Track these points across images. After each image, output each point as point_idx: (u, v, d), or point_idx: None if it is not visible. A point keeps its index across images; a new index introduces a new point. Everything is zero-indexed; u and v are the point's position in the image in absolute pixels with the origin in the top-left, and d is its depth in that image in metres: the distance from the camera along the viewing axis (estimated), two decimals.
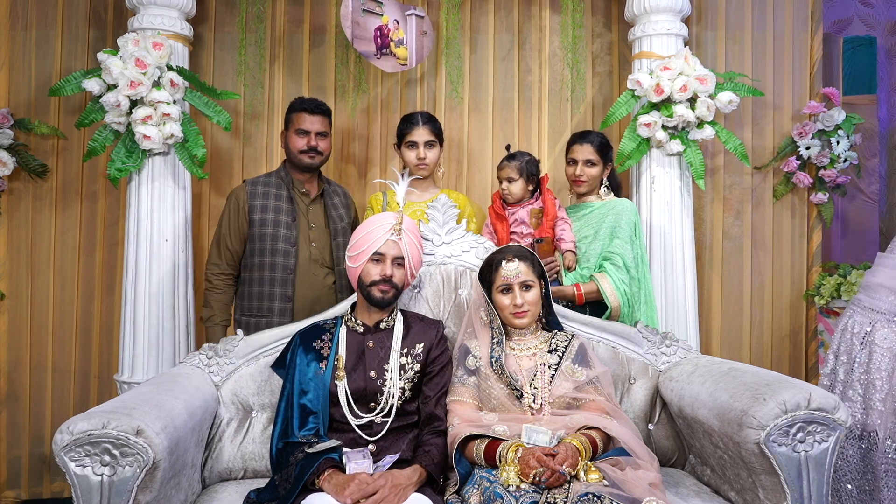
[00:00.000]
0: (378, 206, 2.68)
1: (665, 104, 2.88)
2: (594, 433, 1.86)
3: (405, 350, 2.07)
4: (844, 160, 3.31)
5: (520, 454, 1.74)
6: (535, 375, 2.00)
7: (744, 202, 3.39)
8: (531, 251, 2.14)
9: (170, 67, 2.74)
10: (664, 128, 2.90)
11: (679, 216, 2.96)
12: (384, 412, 2.00)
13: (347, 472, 1.82)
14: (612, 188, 2.74)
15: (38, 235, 3.18)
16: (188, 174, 2.88)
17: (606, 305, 2.50)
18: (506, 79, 3.37)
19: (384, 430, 1.99)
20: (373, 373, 2.03)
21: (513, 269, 2.03)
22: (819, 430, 1.76)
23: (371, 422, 2.00)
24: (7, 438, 3.15)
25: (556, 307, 2.26)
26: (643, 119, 2.88)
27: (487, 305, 2.10)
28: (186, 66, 2.89)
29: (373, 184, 3.27)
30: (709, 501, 1.95)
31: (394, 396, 2.01)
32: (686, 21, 3.10)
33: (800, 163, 3.32)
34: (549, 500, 1.63)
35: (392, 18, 3.07)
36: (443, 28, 3.26)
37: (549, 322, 2.16)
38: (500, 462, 1.77)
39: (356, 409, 2.00)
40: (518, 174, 2.56)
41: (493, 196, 2.67)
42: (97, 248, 3.20)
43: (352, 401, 2.00)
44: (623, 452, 1.84)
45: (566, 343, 2.08)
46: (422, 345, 2.08)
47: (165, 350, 2.79)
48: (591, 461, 1.77)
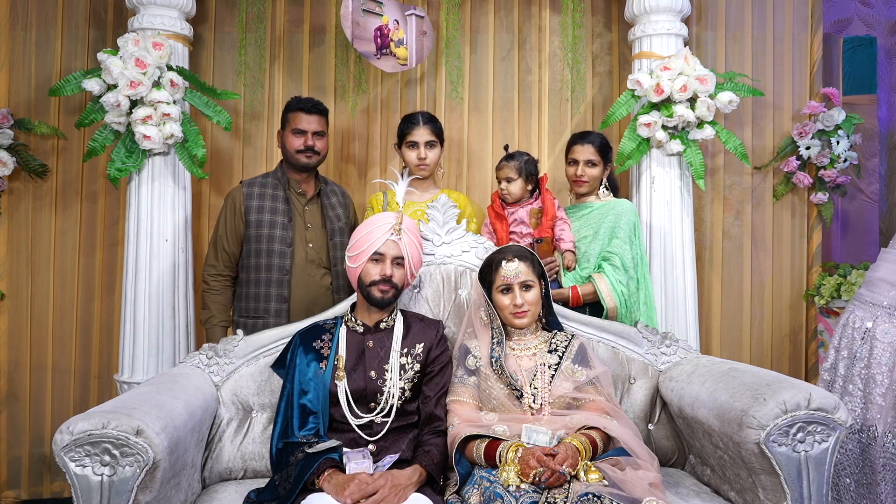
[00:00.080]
0: (378, 206, 2.67)
1: (665, 104, 2.88)
2: (594, 433, 1.86)
3: (405, 350, 2.07)
4: (844, 160, 3.31)
5: (520, 454, 1.74)
6: (535, 375, 2.00)
7: (744, 202, 3.39)
8: (531, 251, 2.14)
9: (170, 67, 2.74)
10: (664, 128, 2.90)
11: (679, 216, 2.96)
12: (384, 412, 2.00)
13: (347, 472, 1.82)
14: (611, 189, 2.75)
15: (38, 235, 3.18)
16: (188, 174, 2.88)
17: (604, 306, 2.50)
18: (506, 79, 3.37)
19: (384, 430, 1.99)
20: (373, 373, 2.03)
21: (513, 269, 2.03)
22: (819, 430, 1.76)
23: (371, 422, 2.00)
24: (7, 438, 3.15)
25: (557, 307, 2.26)
26: (643, 119, 2.88)
27: (487, 305, 2.10)
28: (186, 66, 2.89)
29: (373, 184, 3.27)
30: (709, 501, 1.95)
31: (394, 396, 2.01)
32: (686, 21, 3.10)
33: (800, 163, 3.32)
34: (549, 500, 1.63)
35: (392, 18, 3.07)
36: (443, 28, 3.26)
37: (549, 322, 2.16)
38: (500, 462, 1.77)
39: (356, 409, 2.00)
40: (517, 174, 2.57)
41: (493, 196, 2.67)
42: (97, 248, 3.20)
43: (352, 401, 2.00)
44: (623, 452, 1.84)
45: (566, 343, 2.08)
46: (422, 345, 2.08)
47: (165, 350, 2.79)
48: (591, 461, 1.77)
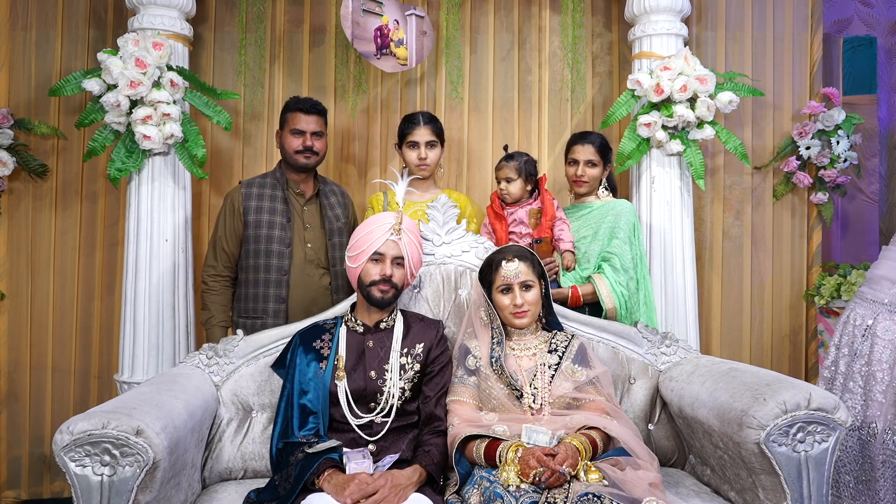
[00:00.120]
0: (379, 206, 2.67)
1: (665, 104, 2.88)
2: (594, 433, 1.86)
3: (405, 350, 2.07)
4: (844, 160, 3.31)
5: (520, 454, 1.74)
6: (535, 375, 2.00)
7: (744, 202, 3.38)
8: (531, 251, 2.13)
9: (170, 67, 2.74)
10: (664, 128, 2.90)
11: (679, 216, 2.96)
12: (384, 412, 2.00)
13: (347, 472, 1.82)
14: (610, 189, 2.75)
15: (38, 235, 3.17)
16: (188, 174, 2.88)
17: (603, 307, 2.50)
18: (506, 79, 3.37)
19: (384, 430, 1.99)
20: (373, 373, 2.03)
21: (513, 269, 2.03)
22: (819, 431, 1.76)
23: (371, 422, 2.00)
24: (7, 438, 3.15)
25: (557, 307, 2.26)
26: (643, 119, 2.87)
27: (487, 305, 2.10)
28: (186, 66, 2.89)
29: (373, 184, 3.27)
30: (709, 501, 1.95)
31: (394, 396, 2.01)
32: (686, 21, 3.10)
33: (800, 163, 3.32)
34: (549, 500, 1.63)
35: (392, 18, 3.07)
36: (443, 28, 3.26)
37: (549, 322, 2.16)
38: (500, 462, 1.77)
39: (356, 409, 2.00)
40: (516, 174, 2.56)
41: (492, 196, 2.67)
42: (97, 248, 3.20)
43: (352, 401, 2.00)
44: (623, 452, 1.84)
45: (566, 343, 2.08)
46: (422, 345, 2.08)
47: (165, 350, 2.79)
48: (591, 461, 1.77)
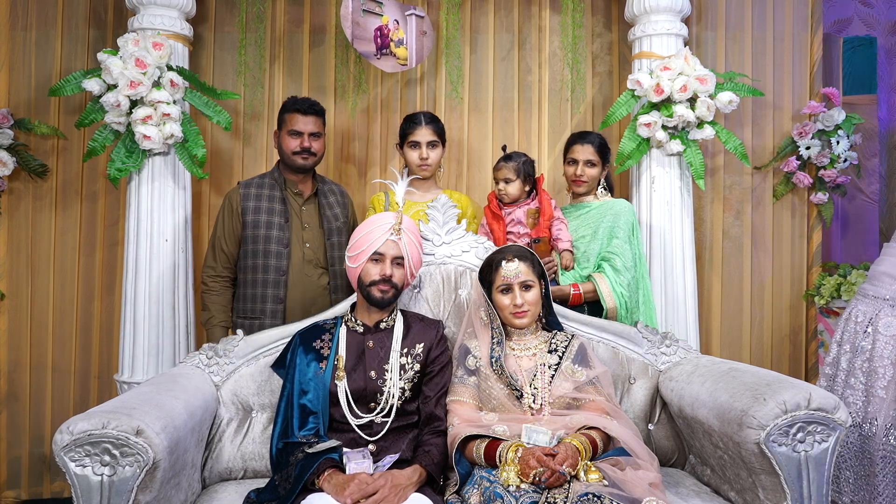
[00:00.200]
0: (380, 206, 2.67)
1: (665, 104, 2.88)
2: (594, 433, 1.86)
3: (405, 350, 2.07)
4: (844, 160, 3.31)
5: (520, 454, 1.74)
6: (535, 375, 2.00)
7: (744, 202, 3.38)
8: (531, 251, 2.13)
9: (170, 67, 2.74)
10: (664, 128, 2.90)
11: (679, 216, 2.96)
12: (384, 412, 2.00)
13: (347, 472, 1.82)
14: (608, 188, 2.75)
15: (38, 235, 3.17)
16: (188, 174, 2.88)
17: (603, 306, 2.50)
18: (506, 79, 3.37)
19: (384, 430, 1.99)
20: (373, 373, 2.03)
21: (513, 269, 2.03)
22: (819, 430, 1.76)
23: (371, 422, 2.00)
24: (7, 438, 3.15)
25: (557, 307, 2.26)
26: (643, 119, 2.87)
27: (487, 305, 2.10)
28: (186, 66, 2.89)
29: (373, 184, 3.27)
30: (709, 501, 1.95)
31: (394, 396, 2.01)
32: (686, 21, 3.10)
33: (800, 163, 3.32)
34: (549, 500, 1.63)
35: (392, 18, 3.07)
36: (443, 28, 3.26)
37: (549, 322, 2.16)
38: (500, 462, 1.77)
39: (356, 409, 2.00)
40: (515, 175, 2.56)
41: (490, 196, 2.67)
42: (97, 248, 3.20)
43: (352, 401, 2.00)
44: (623, 452, 1.84)
45: (566, 343, 2.08)
46: (422, 345, 2.08)
47: (165, 350, 2.79)
48: (591, 461, 1.77)
